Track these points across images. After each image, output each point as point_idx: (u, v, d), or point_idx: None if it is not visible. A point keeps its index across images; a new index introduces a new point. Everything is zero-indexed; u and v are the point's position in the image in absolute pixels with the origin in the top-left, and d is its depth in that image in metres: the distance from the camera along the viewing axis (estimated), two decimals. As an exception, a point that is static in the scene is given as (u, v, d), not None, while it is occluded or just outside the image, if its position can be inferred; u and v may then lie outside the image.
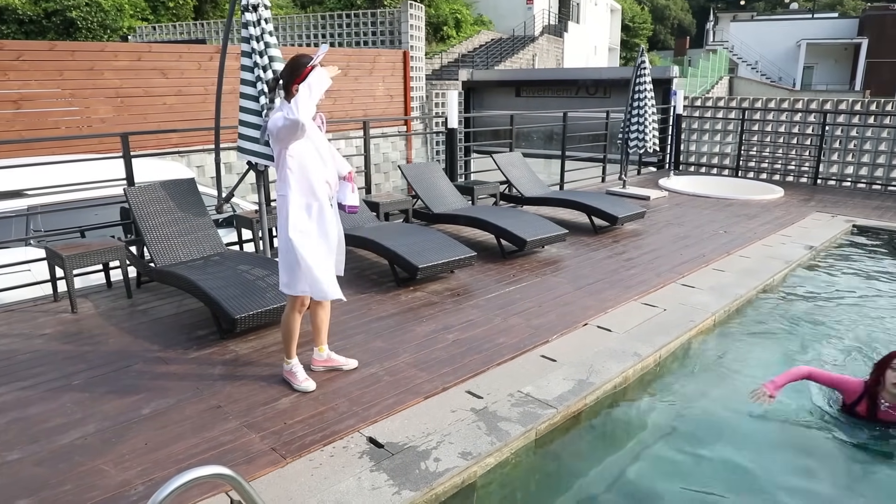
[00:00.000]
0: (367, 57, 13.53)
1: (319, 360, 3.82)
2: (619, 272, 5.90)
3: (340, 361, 3.84)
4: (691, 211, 8.75)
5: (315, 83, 3.14)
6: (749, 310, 5.32)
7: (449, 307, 4.93)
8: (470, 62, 24.92)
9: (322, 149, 3.40)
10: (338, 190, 3.64)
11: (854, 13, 51.09)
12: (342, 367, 3.84)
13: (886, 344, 4.71)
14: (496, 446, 3.06)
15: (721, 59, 37.51)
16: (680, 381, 4.11)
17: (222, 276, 4.52)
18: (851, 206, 9.30)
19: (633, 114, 9.27)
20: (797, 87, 39.27)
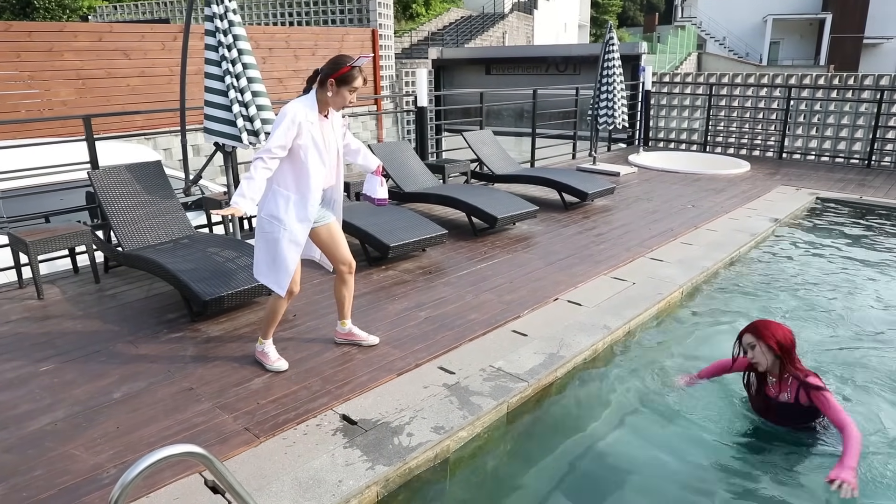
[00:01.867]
0: (335, 36, 13.34)
1: (342, 332, 3.92)
2: (589, 247, 5.98)
3: (362, 336, 3.92)
4: (660, 186, 8.86)
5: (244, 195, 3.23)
6: (716, 282, 5.44)
7: (421, 285, 4.96)
8: (440, 40, 24.73)
9: (325, 153, 3.41)
10: (366, 183, 3.83)
11: (819, -12, 51.63)
12: (363, 341, 3.91)
13: (847, 312, 4.87)
14: (468, 420, 3.12)
15: (689, 36, 37.73)
16: (649, 352, 4.20)
17: (192, 258, 4.48)
18: (815, 178, 9.51)
19: (603, 91, 9.32)
20: (764, 63, 39.74)
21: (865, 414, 3.48)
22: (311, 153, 3.34)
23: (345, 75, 3.26)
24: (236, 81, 4.72)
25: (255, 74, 4.82)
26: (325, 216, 3.65)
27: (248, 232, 6.30)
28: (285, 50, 12.09)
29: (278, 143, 3.25)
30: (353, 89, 3.32)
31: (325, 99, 3.33)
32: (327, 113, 3.42)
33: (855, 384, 3.82)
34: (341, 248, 3.72)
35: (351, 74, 3.26)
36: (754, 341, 3.19)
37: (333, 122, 3.48)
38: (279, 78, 11.82)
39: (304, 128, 3.30)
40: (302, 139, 3.31)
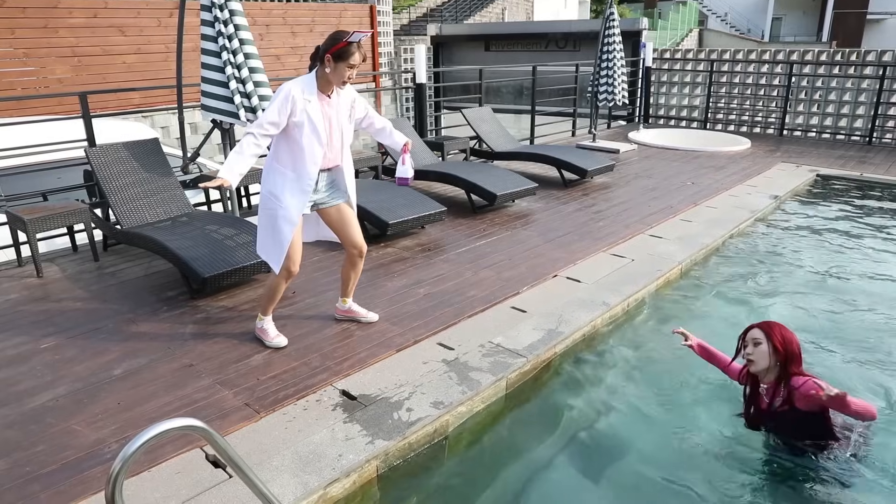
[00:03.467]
0: (333, 11, 13.19)
1: (342, 309, 3.94)
2: (588, 224, 5.97)
3: (361, 313, 3.94)
4: (660, 163, 8.83)
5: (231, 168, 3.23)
6: (715, 258, 5.44)
7: (420, 262, 4.96)
8: (439, 16, 24.46)
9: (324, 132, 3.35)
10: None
11: (823, -37, 50.95)
12: (362, 318, 3.93)
13: (844, 291, 4.88)
14: (467, 395, 3.14)
15: (691, 11, 37.28)
16: (647, 328, 4.22)
17: (191, 236, 4.48)
18: (816, 155, 9.47)
19: (603, 67, 9.24)
20: (766, 39, 39.34)
21: (870, 389, 3.51)
22: (305, 131, 3.29)
23: (341, 50, 3.19)
24: (233, 58, 4.67)
25: (251, 51, 4.77)
26: (334, 197, 3.62)
27: (247, 209, 6.29)
28: (282, 26, 11.96)
29: (269, 120, 3.23)
30: (351, 65, 3.25)
31: (325, 76, 3.28)
32: (331, 92, 3.36)
33: (852, 360, 3.84)
34: (351, 230, 3.68)
35: (348, 50, 3.19)
36: (762, 338, 2.93)
37: (338, 102, 3.41)
38: (276, 55, 11.71)
39: (298, 106, 3.25)
40: (297, 117, 3.26)
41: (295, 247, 3.46)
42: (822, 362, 3.79)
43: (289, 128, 3.30)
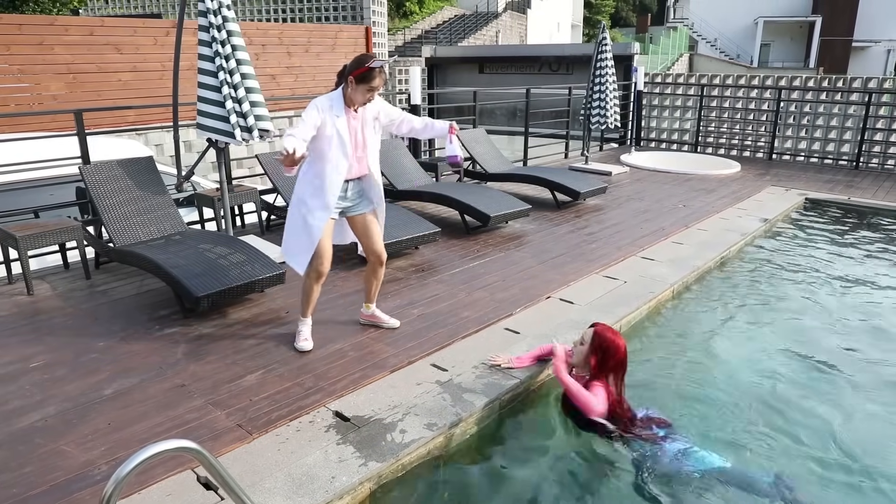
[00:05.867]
0: (329, 33, 13.31)
1: (366, 314, 4.15)
2: (581, 246, 6.01)
3: (384, 319, 4.14)
4: (651, 186, 8.91)
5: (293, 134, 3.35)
6: (706, 281, 5.48)
7: (414, 283, 4.96)
8: (433, 38, 24.72)
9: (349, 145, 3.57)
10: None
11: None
12: (384, 324, 4.13)
13: (831, 310, 4.92)
14: (461, 417, 3.13)
15: (681, 37, 37.89)
16: (641, 351, 4.23)
17: (184, 254, 4.47)
18: (805, 179, 9.59)
19: (595, 90, 9.35)
20: (754, 64, 39.97)
21: (847, 411, 3.53)
22: (334, 144, 3.51)
23: (364, 74, 3.41)
24: (230, 77, 4.70)
25: (248, 71, 4.81)
26: (362, 206, 3.83)
27: (241, 229, 6.28)
28: (278, 46, 12.05)
29: (307, 120, 3.43)
30: (371, 89, 3.47)
31: (349, 94, 3.50)
32: (357, 107, 3.57)
33: (838, 377, 3.87)
34: (373, 239, 3.89)
35: (370, 74, 3.42)
36: (587, 340, 3.34)
37: (364, 115, 3.63)
38: (272, 74, 11.78)
39: (328, 120, 3.48)
40: (327, 130, 3.49)
41: (325, 250, 3.68)
42: (796, 380, 3.81)
43: (319, 140, 3.51)
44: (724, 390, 3.76)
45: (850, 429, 3.39)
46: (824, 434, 3.34)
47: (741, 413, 3.53)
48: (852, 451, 3.17)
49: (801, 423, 3.43)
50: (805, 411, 3.55)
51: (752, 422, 3.45)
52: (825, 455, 3.17)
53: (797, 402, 3.63)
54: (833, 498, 2.90)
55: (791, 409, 3.56)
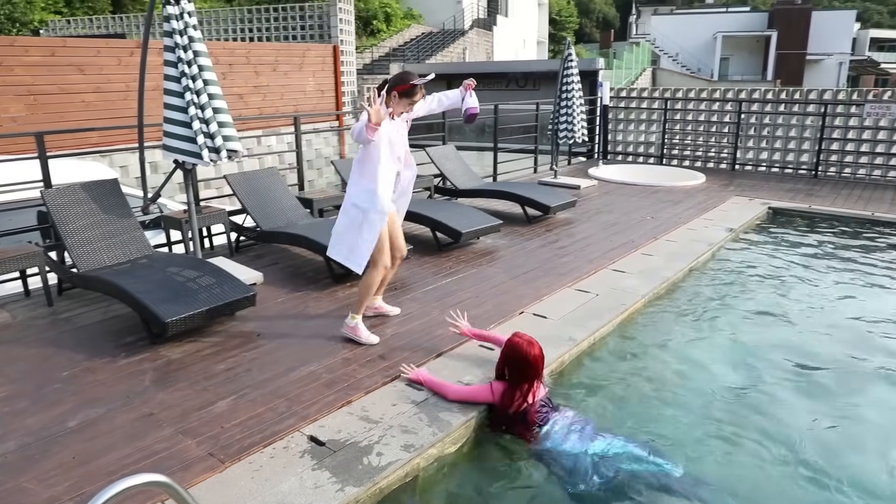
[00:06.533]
0: (297, 52, 13.27)
1: (372, 306, 4.46)
2: (552, 260, 6.04)
3: (386, 309, 4.58)
4: (620, 199, 9.03)
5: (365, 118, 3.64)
6: (676, 291, 5.55)
7: (387, 300, 4.92)
8: (401, 56, 24.84)
9: (395, 149, 4.01)
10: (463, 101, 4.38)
11: (764, 7, 53.74)
12: (388, 313, 4.56)
13: (798, 317, 5.02)
14: (438, 437, 3.10)
15: (644, 52, 38.72)
16: (614, 363, 4.25)
17: (151, 279, 4.37)
18: (767, 189, 9.82)
19: (562, 105, 9.47)
20: (715, 78, 41.05)
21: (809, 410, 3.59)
22: (383, 150, 3.89)
23: (407, 90, 3.88)
24: (197, 98, 4.64)
25: (216, 91, 4.75)
26: (397, 204, 4.23)
27: (210, 251, 6.18)
28: (246, 66, 11.97)
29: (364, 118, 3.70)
30: (413, 102, 3.98)
31: (392, 105, 3.93)
32: (396, 115, 3.99)
33: (805, 383, 3.94)
34: (397, 235, 4.27)
35: (413, 90, 3.90)
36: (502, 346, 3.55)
37: (400, 124, 4.04)
38: (240, 94, 11.69)
39: (382, 131, 3.77)
40: (378, 140, 3.81)
41: (385, 244, 4.05)
42: (759, 384, 3.88)
43: (371, 146, 3.85)
44: (695, 399, 3.80)
45: (815, 435, 3.45)
46: (791, 440, 3.38)
47: (710, 421, 3.57)
48: (816, 457, 3.22)
49: (767, 429, 3.48)
50: (772, 417, 3.60)
51: (720, 429, 3.48)
52: (791, 461, 3.21)
53: (766, 409, 3.69)
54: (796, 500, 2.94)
55: (759, 416, 3.61)
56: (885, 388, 3.98)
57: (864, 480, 3.07)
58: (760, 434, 3.43)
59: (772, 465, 3.19)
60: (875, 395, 3.90)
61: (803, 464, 3.19)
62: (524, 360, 3.38)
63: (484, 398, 3.40)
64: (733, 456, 3.27)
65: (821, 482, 3.05)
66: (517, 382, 3.36)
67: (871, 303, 5.40)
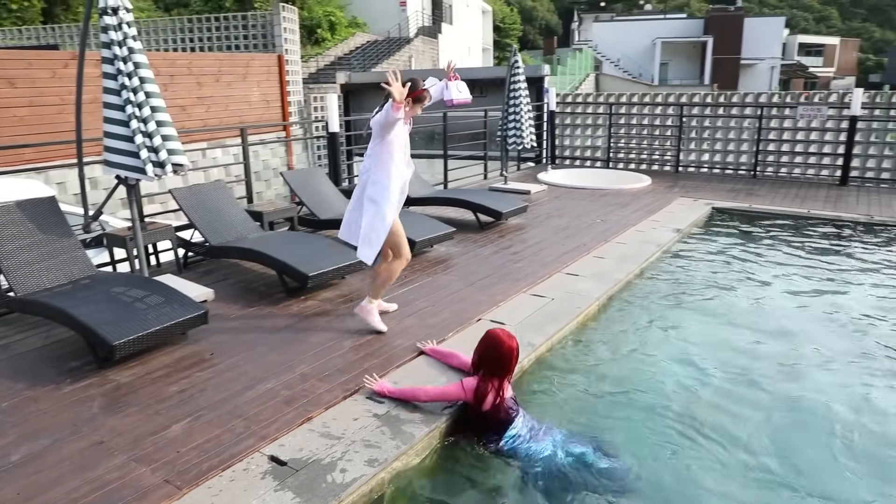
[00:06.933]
0: (240, 61, 13.04)
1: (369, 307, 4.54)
2: (506, 266, 6.08)
3: (385, 306, 4.80)
4: (570, 203, 9.18)
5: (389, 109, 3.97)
6: (628, 293, 5.67)
7: (343, 314, 4.86)
8: (347, 65, 24.71)
9: (405, 149, 4.33)
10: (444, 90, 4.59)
11: (699, 14, 55.74)
12: (388, 310, 4.81)
13: (745, 314, 5.19)
14: (402, 450, 3.07)
15: (587, 58, 39.55)
16: (571, 366, 4.30)
17: (95, 300, 4.20)
18: (710, 189, 10.15)
19: (510, 112, 9.57)
20: (655, 82, 42.28)
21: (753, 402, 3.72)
22: (398, 148, 4.23)
23: (419, 96, 4.19)
24: (139, 111, 4.49)
25: (158, 103, 4.61)
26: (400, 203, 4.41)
27: (157, 268, 5.99)
28: (188, 77, 11.68)
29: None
30: (423, 106, 4.32)
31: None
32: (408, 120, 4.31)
33: (752, 377, 4.07)
34: (404, 236, 4.50)
35: (423, 96, 4.24)
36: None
37: (408, 126, 4.37)
38: (182, 106, 11.39)
39: (396, 127, 4.11)
40: (393, 135, 4.14)
41: (403, 237, 4.40)
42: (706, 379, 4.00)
43: (388, 144, 4.16)
44: (650, 398, 3.88)
45: (765, 432, 3.56)
46: (738, 436, 3.49)
47: (664, 419, 3.64)
48: (769, 455, 3.33)
49: (717, 426, 3.57)
50: (722, 414, 3.70)
51: (673, 427, 3.56)
52: (743, 458, 3.31)
53: (716, 406, 3.79)
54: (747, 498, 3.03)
55: (709, 413, 3.71)
56: (828, 381, 4.15)
57: (810, 473, 3.18)
58: (712, 431, 3.52)
59: (723, 461, 3.28)
60: (819, 387, 4.05)
61: (752, 457, 3.29)
62: (501, 351, 3.40)
63: (457, 396, 3.40)
64: (686, 454, 3.34)
65: (767, 477, 3.15)
66: (489, 376, 3.38)
67: (812, 297, 5.64)
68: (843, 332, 4.89)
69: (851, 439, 3.47)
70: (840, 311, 5.28)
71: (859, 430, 3.55)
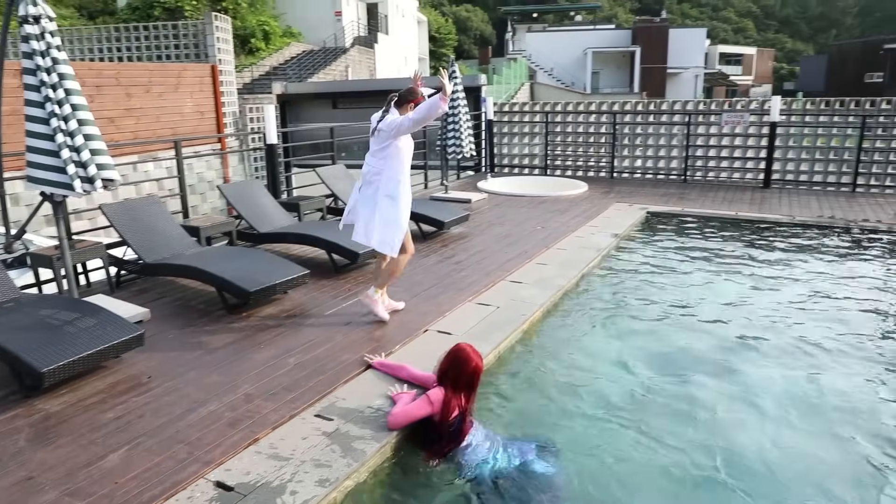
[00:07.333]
0: (172, 72, 12.65)
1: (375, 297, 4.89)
2: (451, 275, 6.10)
3: (394, 304, 5.10)
4: (510, 210, 9.29)
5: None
6: (571, 298, 5.77)
7: (286, 330, 4.76)
8: (283, 75, 24.32)
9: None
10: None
11: (627, 25, 57.71)
12: (397, 307, 5.10)
13: (683, 314, 5.37)
14: (353, 468, 3.01)
15: (521, 67, 40.28)
16: (518, 373, 4.34)
17: (20, 325, 3.96)
18: (644, 194, 10.48)
19: (449, 121, 9.64)
20: (588, 91, 43.44)
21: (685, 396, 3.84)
22: (409, 149, 4.72)
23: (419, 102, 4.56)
24: (65, 124, 4.28)
25: (86, 116, 4.40)
26: None
27: (87, 289, 5.70)
28: (116, 87, 11.23)
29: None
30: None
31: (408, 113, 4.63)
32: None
33: (692, 374, 4.22)
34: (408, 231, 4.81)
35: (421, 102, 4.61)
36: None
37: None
38: (110, 118, 10.93)
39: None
40: (403, 137, 4.61)
41: (408, 232, 4.76)
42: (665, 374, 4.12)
43: (403, 144, 4.62)
44: (594, 402, 3.95)
45: (707, 433, 3.69)
46: (683, 439, 3.59)
47: (608, 423, 3.72)
48: (709, 455, 3.44)
49: (662, 428, 3.68)
50: (668, 415, 3.81)
51: (619, 431, 3.64)
52: (684, 458, 3.41)
53: (659, 407, 3.90)
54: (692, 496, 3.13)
55: (653, 415, 3.82)
56: (764, 376, 4.33)
57: (748, 472, 3.31)
58: (655, 432, 3.62)
59: (665, 463, 3.36)
60: (756, 383, 4.22)
61: (691, 457, 3.40)
62: (468, 367, 3.40)
63: (424, 412, 3.34)
64: (628, 456, 3.41)
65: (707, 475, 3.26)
66: (454, 390, 3.35)
67: (746, 295, 5.88)
68: (774, 328, 5.12)
69: (785, 435, 3.62)
70: (768, 307, 5.54)
71: (792, 425, 3.72)
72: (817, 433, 3.63)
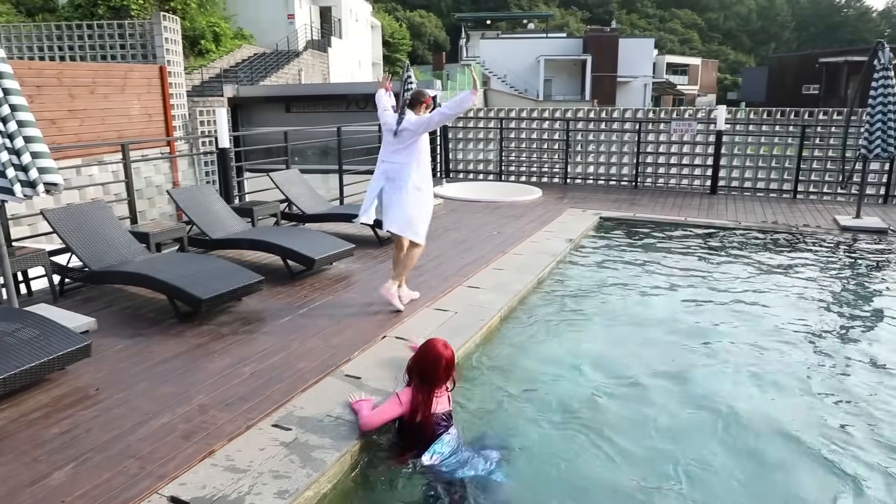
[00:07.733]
0: (118, 72, 12.25)
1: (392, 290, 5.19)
2: (408, 281, 6.06)
3: (411, 294, 5.48)
4: (466, 216, 9.33)
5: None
6: (528, 303, 5.82)
7: (241, 338, 4.65)
8: (234, 77, 23.89)
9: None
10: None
11: (578, 34, 58.85)
12: (413, 297, 5.46)
13: (638, 317, 5.48)
14: (313, 478, 2.96)
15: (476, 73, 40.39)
16: (477, 378, 4.35)
17: (-45, 337, 3.76)
18: (597, 200, 10.68)
19: (406, 127, 9.61)
20: (541, 98, 44.06)
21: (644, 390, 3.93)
22: (425, 144, 5.08)
23: (428, 103, 5.09)
24: (3, 126, 4.09)
25: (26, 117, 4.22)
26: None
27: (28, 298, 5.46)
28: (58, 88, 10.81)
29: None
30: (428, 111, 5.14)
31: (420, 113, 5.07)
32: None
33: (641, 379, 4.31)
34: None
35: (430, 103, 5.12)
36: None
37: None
38: (52, 119, 10.50)
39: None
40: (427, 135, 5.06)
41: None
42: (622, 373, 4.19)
43: (420, 141, 4.99)
44: (553, 405, 3.99)
45: (661, 439, 3.76)
46: (639, 444, 3.66)
47: (567, 426, 3.76)
48: (664, 461, 3.51)
49: (620, 430, 3.74)
50: (623, 421, 3.87)
51: (579, 433, 3.69)
52: (637, 466, 3.48)
53: (614, 414, 3.95)
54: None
55: (611, 416, 3.88)
56: (717, 377, 4.45)
57: (705, 473, 3.39)
58: (613, 434, 3.67)
59: (620, 470, 3.41)
60: (710, 384, 4.33)
61: (651, 458, 3.47)
62: (428, 358, 3.41)
63: (395, 413, 3.36)
64: (585, 461, 3.44)
65: (664, 474, 3.33)
66: (421, 385, 3.36)
67: (698, 297, 6.05)
68: (723, 330, 5.28)
69: (739, 435, 3.72)
70: (719, 309, 5.70)
71: (746, 424, 3.83)
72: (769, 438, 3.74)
